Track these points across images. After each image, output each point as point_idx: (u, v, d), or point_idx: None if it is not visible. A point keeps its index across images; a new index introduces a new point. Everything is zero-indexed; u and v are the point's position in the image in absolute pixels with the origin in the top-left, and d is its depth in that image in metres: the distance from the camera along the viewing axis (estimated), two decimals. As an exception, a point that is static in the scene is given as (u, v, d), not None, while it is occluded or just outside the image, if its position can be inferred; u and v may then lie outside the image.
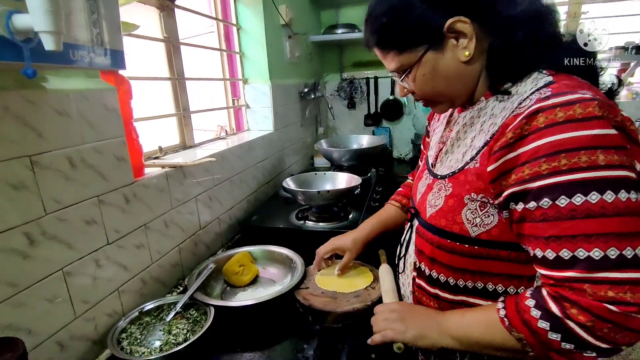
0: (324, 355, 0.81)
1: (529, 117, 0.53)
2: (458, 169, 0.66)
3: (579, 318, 0.49)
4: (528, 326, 0.53)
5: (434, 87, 0.66)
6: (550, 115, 0.51)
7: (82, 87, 0.78)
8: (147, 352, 0.79)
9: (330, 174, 1.56)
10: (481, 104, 0.66)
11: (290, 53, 2.05)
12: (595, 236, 0.48)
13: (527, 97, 0.56)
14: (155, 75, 1.28)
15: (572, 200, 0.49)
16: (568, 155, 0.49)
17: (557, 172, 0.50)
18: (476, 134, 0.65)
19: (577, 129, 0.49)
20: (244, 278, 1.09)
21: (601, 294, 0.48)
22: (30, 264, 0.69)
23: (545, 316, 0.52)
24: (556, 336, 0.51)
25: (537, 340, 0.53)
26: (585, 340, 0.49)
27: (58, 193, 0.73)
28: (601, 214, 0.48)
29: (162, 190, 1.04)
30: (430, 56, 0.62)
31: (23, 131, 0.66)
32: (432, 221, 0.68)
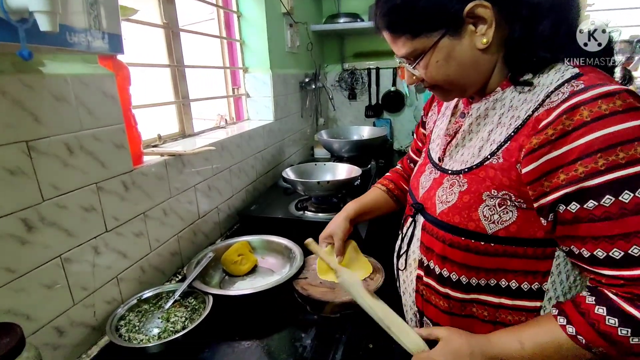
0: (322, 345, 0.81)
1: (569, 111, 0.50)
2: (475, 164, 0.63)
3: None
4: (607, 337, 0.50)
5: (447, 74, 0.62)
6: (594, 108, 0.49)
7: (80, 72, 0.77)
8: (145, 340, 0.79)
9: (330, 164, 1.55)
10: (497, 94, 0.63)
11: (291, 42, 2.03)
12: None
13: (554, 89, 0.54)
14: (154, 63, 1.26)
15: (636, 194, 0.47)
16: (625, 148, 0.47)
17: (616, 166, 0.47)
18: (493, 127, 0.62)
19: (626, 120, 0.48)
20: (243, 267, 1.09)
21: None
22: (29, 250, 0.68)
23: (623, 322, 0.49)
24: (639, 340, 0.49)
25: (616, 349, 0.50)
26: None
27: (56, 179, 0.72)
28: None
29: (161, 179, 1.04)
30: (447, 42, 0.59)
31: (20, 116, 0.65)
32: (443, 218, 0.65)
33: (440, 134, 0.77)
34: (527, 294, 0.62)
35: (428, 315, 0.73)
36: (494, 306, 0.64)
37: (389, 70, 2.62)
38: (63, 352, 0.76)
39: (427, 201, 0.71)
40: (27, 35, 0.45)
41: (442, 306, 0.69)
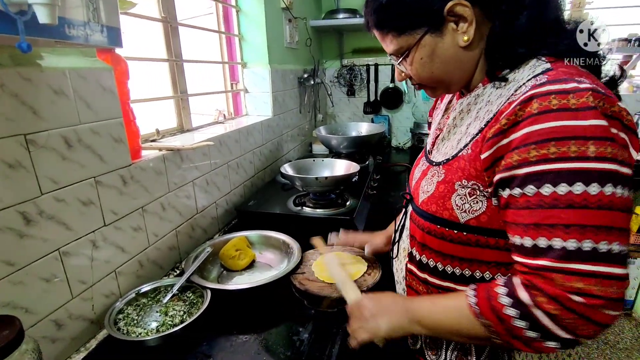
0: (319, 339, 0.82)
1: (523, 103, 0.52)
2: (452, 155, 0.66)
3: (545, 306, 0.50)
4: (496, 313, 0.54)
5: (431, 71, 0.65)
6: (544, 102, 0.50)
7: (78, 65, 0.76)
8: (143, 333, 0.80)
9: (329, 160, 1.55)
10: (478, 90, 0.66)
11: (290, 37, 2.02)
12: (574, 227, 0.48)
13: (523, 83, 0.56)
14: (152, 57, 1.26)
15: (555, 189, 0.49)
16: (558, 144, 0.49)
17: (545, 159, 0.50)
18: (471, 121, 0.64)
19: (570, 118, 0.49)
20: (241, 262, 1.09)
21: (570, 284, 0.48)
22: (27, 243, 0.68)
23: (514, 303, 0.52)
24: (522, 324, 0.51)
25: (503, 327, 0.53)
26: (549, 330, 0.50)
27: (54, 173, 0.72)
28: (583, 206, 0.48)
29: (160, 173, 1.04)
30: (429, 39, 0.61)
31: (19, 109, 0.65)
32: (423, 207, 0.68)
33: (434, 128, 0.81)
34: None
35: None
36: None
37: (387, 66, 2.62)
38: (61, 345, 0.77)
39: (415, 192, 0.75)
40: (25, 28, 0.45)
41: (422, 291, 0.72)
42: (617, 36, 2.26)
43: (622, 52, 2.28)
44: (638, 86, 2.43)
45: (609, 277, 0.48)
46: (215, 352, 0.79)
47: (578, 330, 0.49)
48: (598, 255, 0.48)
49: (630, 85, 2.45)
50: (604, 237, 0.47)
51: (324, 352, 0.78)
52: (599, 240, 0.48)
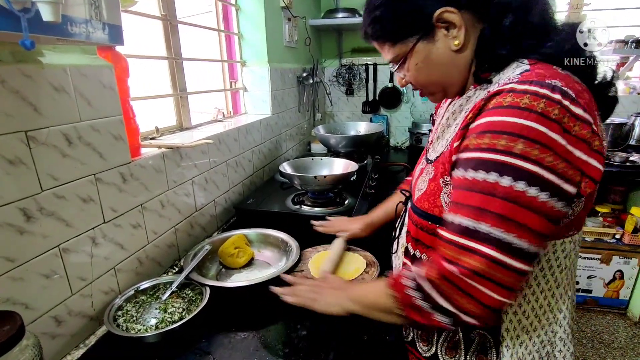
0: (317, 336, 0.83)
1: (487, 99, 0.55)
2: (440, 154, 0.68)
3: (429, 273, 0.56)
4: (398, 285, 0.60)
5: (428, 76, 0.68)
6: (501, 98, 0.53)
7: (79, 62, 0.77)
8: (143, 330, 0.80)
9: (327, 159, 1.56)
10: (469, 92, 0.68)
11: (289, 36, 2.03)
12: (476, 209, 0.53)
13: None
14: (152, 55, 1.26)
15: (475, 175, 0.53)
16: (492, 136, 0.52)
17: (478, 148, 0.54)
18: (460, 121, 0.66)
19: (512, 115, 0.51)
20: (239, 260, 1.10)
21: (453, 254, 0.54)
22: (27, 240, 0.69)
23: (410, 274, 0.59)
24: (414, 293, 0.57)
25: (401, 298, 0.59)
26: (432, 298, 0.55)
27: (55, 170, 0.73)
28: (490, 193, 0.52)
29: (159, 171, 1.04)
30: (422, 46, 0.64)
31: (19, 106, 0.66)
32: (418, 204, 0.71)
33: (434, 129, 0.83)
34: None
35: None
36: None
37: (386, 66, 2.63)
38: (61, 342, 0.77)
39: (413, 189, 0.77)
40: (28, 25, 0.46)
41: None
42: (614, 38, 2.27)
43: (619, 54, 2.30)
44: (634, 88, 2.45)
45: (496, 261, 0.51)
46: (214, 349, 0.79)
47: (458, 302, 0.53)
48: (491, 239, 0.51)
49: (627, 86, 2.46)
50: (502, 226, 0.50)
51: (322, 349, 0.79)
52: (494, 226, 0.51)
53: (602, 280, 2.36)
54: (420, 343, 0.76)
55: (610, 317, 2.36)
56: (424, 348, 0.75)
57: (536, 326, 0.66)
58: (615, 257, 2.30)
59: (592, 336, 2.20)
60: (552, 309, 0.66)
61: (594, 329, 2.25)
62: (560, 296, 0.67)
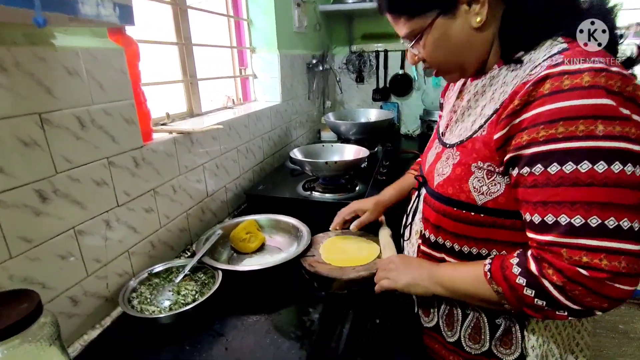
0: (329, 320, 0.83)
1: (536, 83, 0.52)
2: (466, 137, 0.66)
3: (552, 278, 0.52)
4: (507, 281, 0.57)
5: (444, 54, 0.65)
6: (556, 82, 0.50)
7: (90, 45, 0.77)
8: (157, 311, 0.81)
9: (338, 145, 1.55)
10: (493, 72, 0.65)
11: (299, 22, 2.00)
12: (579, 204, 0.49)
13: (539, 64, 0.55)
14: (162, 40, 1.25)
15: (562, 168, 0.50)
16: (566, 124, 0.49)
17: (552, 139, 0.50)
18: (487, 103, 0.64)
19: (580, 97, 0.49)
20: (251, 245, 1.10)
21: (576, 258, 0.50)
22: (43, 221, 0.70)
23: (524, 273, 0.55)
24: (530, 292, 0.55)
25: (513, 295, 0.57)
26: (556, 299, 0.53)
27: (68, 152, 0.73)
28: (588, 184, 0.49)
29: (171, 156, 1.04)
30: (441, 22, 0.61)
31: (33, 88, 0.66)
32: (439, 189, 0.68)
33: (448, 111, 0.80)
34: None
35: None
36: None
37: (397, 52, 2.58)
38: (78, 321, 0.78)
39: (429, 174, 0.74)
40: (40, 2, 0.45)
41: None
42: (635, 20, 2.18)
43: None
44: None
45: (616, 252, 0.48)
46: (227, 331, 0.80)
47: (586, 302, 0.51)
48: (606, 231, 0.48)
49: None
50: (612, 214, 0.48)
51: (335, 332, 0.79)
52: (606, 217, 0.48)
53: (617, 270, 2.32)
54: (445, 328, 0.75)
55: (626, 307, 2.33)
56: (449, 333, 0.74)
57: None
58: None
59: (608, 326, 2.17)
60: None
61: (610, 319, 2.22)
62: None
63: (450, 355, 0.75)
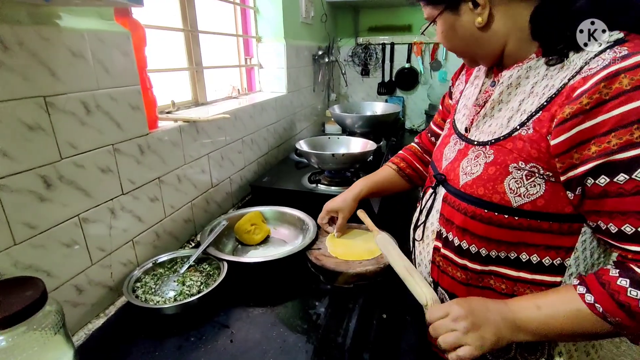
0: (336, 313, 0.82)
1: (608, 79, 0.47)
2: (503, 135, 0.61)
3: None
4: (625, 308, 0.50)
5: (453, 44, 0.67)
6: (635, 76, 0.46)
7: (96, 27, 0.74)
8: (161, 301, 0.80)
9: (344, 138, 1.53)
10: (530, 62, 0.60)
11: (306, 12, 1.97)
12: None
13: (594, 55, 0.51)
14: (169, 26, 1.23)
15: None
16: None
17: None
18: (525, 97, 0.60)
19: None
20: (256, 237, 1.09)
21: None
22: (48, 207, 0.68)
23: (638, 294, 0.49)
24: None
25: (636, 321, 0.50)
26: None
27: (73, 138, 0.71)
28: None
29: (176, 145, 1.02)
30: (447, 16, 0.63)
31: (38, 70, 0.64)
32: (466, 189, 0.64)
33: (468, 104, 0.74)
34: (548, 269, 0.61)
35: (443, 285, 0.72)
36: (512, 279, 0.63)
37: (404, 46, 2.55)
38: (82, 310, 0.77)
39: (450, 172, 0.70)
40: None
41: (459, 277, 0.68)
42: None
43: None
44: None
45: None
46: (232, 322, 0.79)
47: None
48: None
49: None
50: None
51: (341, 326, 0.78)
52: None
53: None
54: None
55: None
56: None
57: None
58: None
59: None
60: None
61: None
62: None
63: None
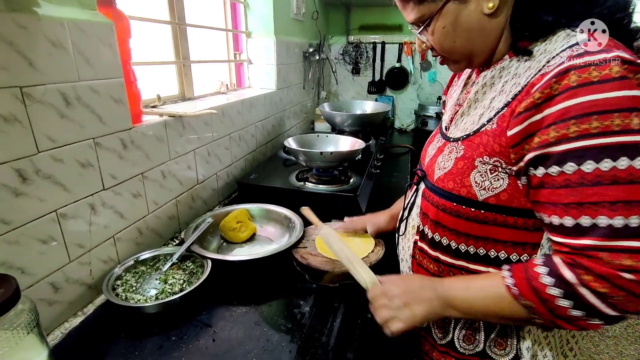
0: (320, 312, 0.81)
1: (559, 75, 0.49)
2: (473, 131, 0.63)
3: (593, 285, 0.48)
4: (537, 293, 0.52)
5: (453, 41, 0.62)
6: (583, 74, 0.47)
7: (78, 17, 0.72)
8: (142, 300, 0.78)
9: (333, 136, 1.52)
10: (503, 62, 0.62)
11: (297, 9, 1.95)
12: (620, 203, 0.46)
13: (557, 54, 0.52)
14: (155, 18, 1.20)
15: (598, 166, 0.47)
16: (601, 118, 0.46)
17: (586, 135, 0.47)
18: (496, 95, 0.61)
19: (613, 90, 0.46)
20: (242, 235, 1.07)
21: (618, 262, 0.47)
22: (23, 202, 0.66)
23: (557, 283, 0.50)
24: (567, 303, 0.50)
25: (545, 308, 0.52)
26: (596, 308, 0.49)
27: (52, 131, 0.69)
28: (629, 181, 0.46)
29: (161, 140, 1.00)
30: (452, 7, 0.58)
31: (14, 58, 0.61)
32: (439, 184, 0.66)
33: (452, 104, 0.77)
34: None
35: None
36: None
37: (394, 45, 2.55)
38: (59, 308, 0.75)
39: (429, 168, 0.72)
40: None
41: (432, 270, 0.70)
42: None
43: None
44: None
45: None
46: (214, 321, 0.78)
47: (629, 308, 0.48)
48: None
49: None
50: None
51: (325, 325, 0.77)
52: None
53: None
54: (436, 330, 0.73)
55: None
56: (439, 335, 0.72)
57: None
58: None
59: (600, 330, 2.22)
60: None
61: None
62: None
63: (441, 356, 0.73)
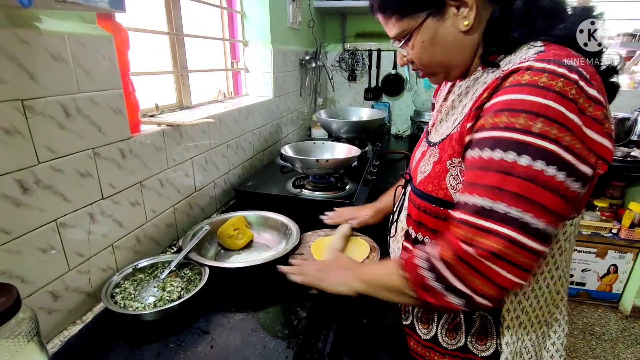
0: (317, 319, 0.82)
1: (504, 77, 0.54)
2: (446, 135, 0.67)
3: (443, 254, 0.55)
4: (410, 265, 0.60)
5: (432, 55, 0.65)
6: (519, 76, 0.52)
7: (78, 31, 0.74)
8: (140, 307, 0.79)
9: (329, 144, 1.54)
10: (477, 74, 0.67)
11: (293, 18, 1.98)
12: (494, 188, 0.51)
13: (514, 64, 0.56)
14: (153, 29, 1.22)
15: (492, 154, 0.52)
16: (510, 115, 0.51)
17: (495, 127, 0.52)
18: (467, 102, 0.66)
19: (530, 94, 0.50)
20: (239, 242, 1.09)
21: (471, 236, 0.52)
22: (24, 212, 0.67)
23: (424, 256, 0.58)
24: (427, 274, 0.57)
25: (414, 278, 0.59)
26: (446, 279, 0.55)
27: (52, 142, 0.70)
28: (508, 172, 0.51)
29: (159, 149, 1.02)
30: (431, 23, 0.62)
31: (16, 73, 0.63)
32: (420, 187, 0.70)
33: (435, 111, 0.83)
34: None
35: None
36: None
37: (390, 52, 2.59)
38: (58, 317, 0.76)
39: (414, 172, 0.76)
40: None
41: None
42: (622, 31, 2.24)
43: (627, 47, 2.26)
44: (639, 82, 2.43)
45: (513, 241, 0.50)
46: (212, 328, 0.78)
47: (472, 283, 0.53)
48: (508, 219, 0.50)
49: (632, 81, 2.44)
50: (519, 205, 0.50)
51: (322, 331, 0.79)
52: (512, 205, 0.50)
53: (596, 273, 2.39)
54: (420, 325, 0.76)
55: (602, 310, 2.40)
56: (424, 331, 0.75)
57: (535, 307, 0.67)
58: (610, 251, 2.31)
59: (583, 328, 2.23)
60: (550, 290, 0.67)
61: (586, 321, 2.28)
62: (558, 278, 0.68)
63: (425, 351, 0.76)
